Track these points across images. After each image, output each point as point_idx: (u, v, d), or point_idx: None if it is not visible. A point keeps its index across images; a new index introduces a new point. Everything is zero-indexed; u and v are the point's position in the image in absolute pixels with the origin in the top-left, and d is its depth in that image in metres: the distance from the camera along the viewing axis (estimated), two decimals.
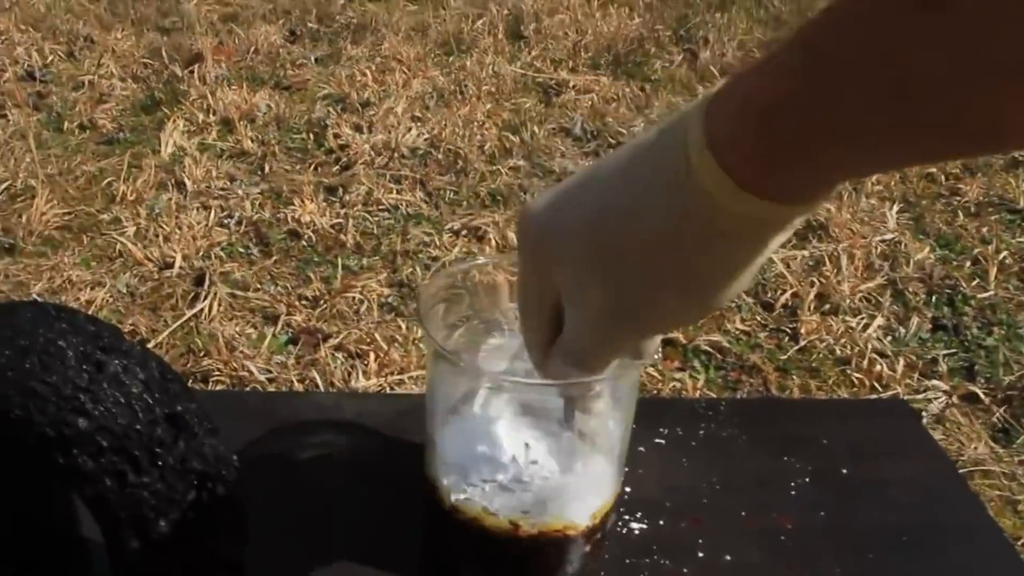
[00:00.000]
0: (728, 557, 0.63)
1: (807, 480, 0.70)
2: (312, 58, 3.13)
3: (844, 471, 0.71)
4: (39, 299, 1.84)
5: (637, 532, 0.64)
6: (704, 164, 0.36)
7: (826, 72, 0.31)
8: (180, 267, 1.99)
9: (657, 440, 0.72)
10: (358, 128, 2.63)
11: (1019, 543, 1.35)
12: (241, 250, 2.09)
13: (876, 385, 1.68)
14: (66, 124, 2.65)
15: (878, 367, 1.71)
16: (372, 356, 1.68)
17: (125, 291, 1.92)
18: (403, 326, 1.79)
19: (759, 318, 1.88)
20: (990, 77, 0.27)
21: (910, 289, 1.99)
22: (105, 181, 2.34)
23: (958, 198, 2.40)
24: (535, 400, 0.57)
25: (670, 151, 0.38)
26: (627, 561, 0.62)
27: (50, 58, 3.06)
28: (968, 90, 0.28)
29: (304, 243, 2.11)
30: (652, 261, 0.39)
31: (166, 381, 0.54)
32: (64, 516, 0.57)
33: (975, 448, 1.54)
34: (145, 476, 0.50)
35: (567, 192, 0.42)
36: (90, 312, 1.79)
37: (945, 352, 1.81)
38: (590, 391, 0.52)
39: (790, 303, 1.92)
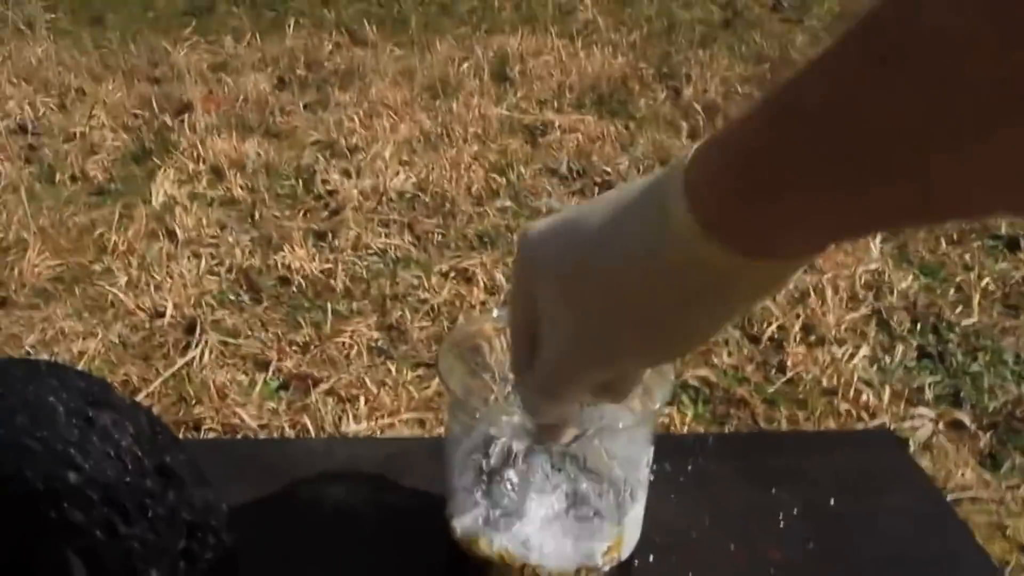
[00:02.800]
0: None
1: (795, 512, 0.70)
2: (301, 105, 3.15)
3: (832, 502, 0.71)
4: (31, 351, 1.84)
5: None
6: (680, 217, 0.36)
7: (795, 124, 0.32)
8: (171, 316, 1.99)
9: None
10: (346, 173, 2.64)
11: (1008, 568, 1.35)
12: (232, 297, 2.09)
13: (863, 415, 1.69)
14: (58, 176, 2.66)
15: (864, 397, 1.72)
16: (362, 400, 1.68)
17: (117, 341, 1.93)
18: (392, 369, 1.80)
19: (746, 351, 1.89)
20: (943, 136, 0.28)
21: (895, 318, 2.01)
22: (97, 232, 2.35)
23: (941, 227, 2.42)
24: (551, 447, 0.58)
25: (650, 204, 0.38)
26: None
27: (42, 111, 3.08)
28: (924, 147, 0.29)
29: (294, 289, 2.12)
30: (620, 304, 0.40)
31: (155, 433, 0.54)
32: (57, 570, 0.57)
33: (963, 475, 1.54)
34: (135, 527, 0.51)
35: (560, 223, 0.44)
36: (82, 363, 1.80)
37: (931, 380, 1.82)
38: (557, 423, 0.52)
39: (776, 335, 1.93)
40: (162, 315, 2.00)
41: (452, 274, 2.17)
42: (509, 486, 0.59)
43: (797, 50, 3.60)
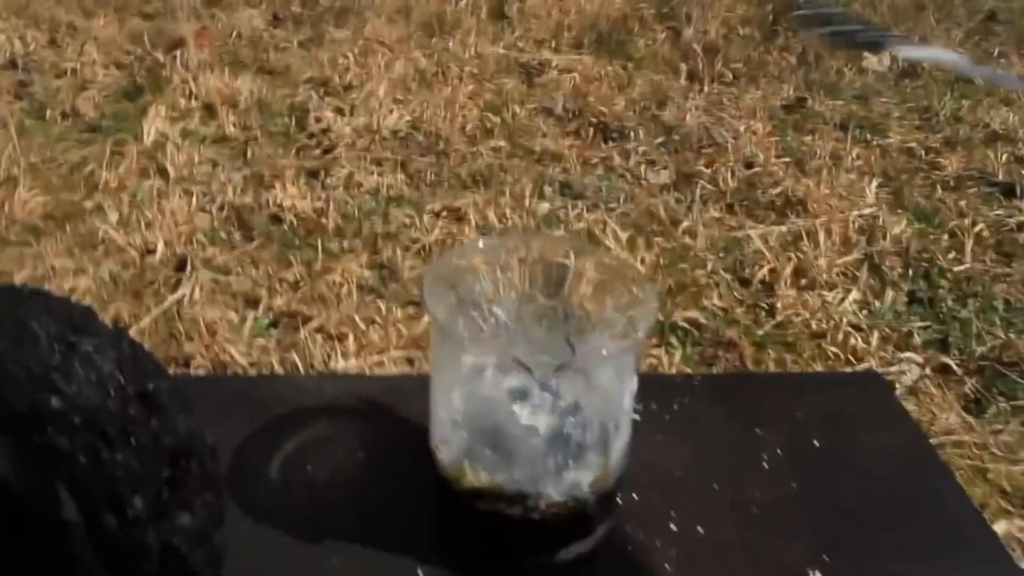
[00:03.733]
0: (700, 528, 0.64)
1: (779, 452, 0.71)
2: (295, 42, 3.11)
3: (816, 443, 0.72)
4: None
5: None
6: None
7: None
8: (162, 253, 1.99)
9: (632, 416, 0.73)
10: (340, 111, 2.62)
11: (987, 511, 1.37)
12: (223, 235, 2.09)
13: (851, 358, 1.70)
14: (49, 112, 2.63)
15: (853, 341, 1.73)
16: (352, 338, 1.69)
17: (108, 278, 1.92)
18: (383, 307, 1.80)
19: (736, 294, 1.89)
20: None
21: (887, 263, 2.01)
22: (88, 169, 2.33)
23: (937, 172, 2.42)
24: (533, 376, 0.58)
25: None
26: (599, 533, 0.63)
27: (32, 46, 3.03)
28: None
29: (285, 227, 2.11)
30: None
31: (138, 360, 0.54)
32: (46, 499, 0.57)
33: (947, 418, 1.55)
34: (118, 453, 0.51)
35: None
36: (73, 300, 1.79)
37: (920, 325, 1.82)
38: None
39: (767, 278, 1.93)
40: (153, 252, 1.99)
41: (444, 213, 2.16)
42: (495, 417, 0.59)
43: None
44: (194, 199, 2.19)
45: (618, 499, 0.64)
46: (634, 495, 0.66)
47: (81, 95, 2.72)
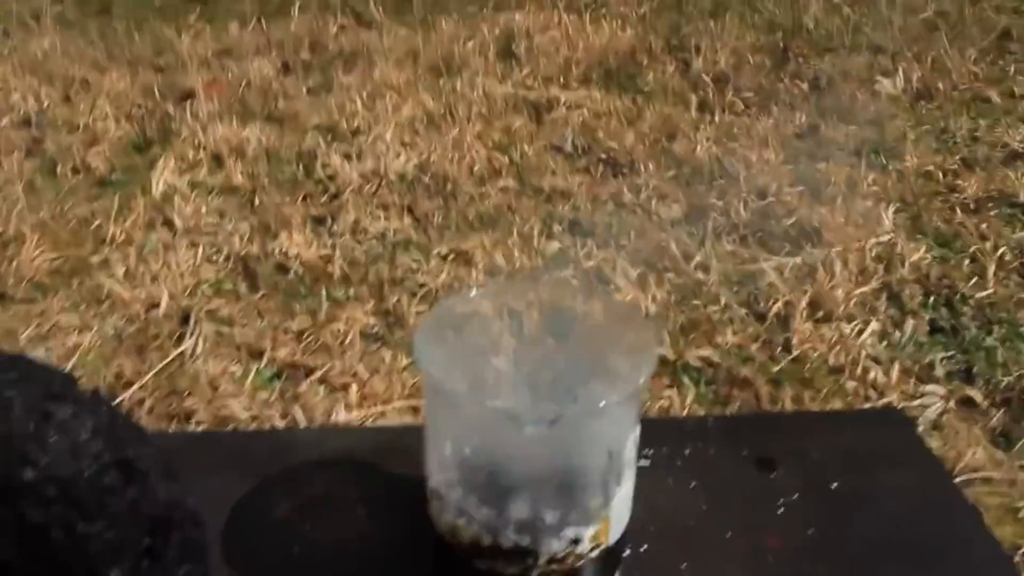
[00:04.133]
0: None
1: (796, 496, 0.69)
2: (304, 89, 3.13)
3: (835, 485, 0.70)
4: (26, 346, 1.83)
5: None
6: None
7: None
8: (167, 307, 1.98)
9: (642, 462, 0.71)
10: (347, 156, 2.62)
11: (1020, 552, 1.32)
12: (228, 286, 2.08)
13: (871, 393, 1.66)
14: (59, 168, 2.64)
15: (872, 374, 1.69)
16: (354, 388, 1.66)
17: (112, 334, 1.91)
18: (386, 357, 1.78)
19: (751, 329, 1.86)
20: None
21: (906, 292, 1.97)
22: (96, 223, 2.34)
23: (956, 195, 2.38)
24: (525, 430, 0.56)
25: None
26: None
27: (46, 103, 3.06)
28: None
29: (291, 276, 2.11)
30: None
31: (117, 427, 0.53)
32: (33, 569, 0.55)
33: (973, 454, 1.50)
34: (94, 525, 0.49)
35: None
36: (77, 356, 1.78)
37: (943, 355, 1.78)
38: None
39: (782, 312, 1.90)
40: (157, 306, 1.98)
41: (452, 256, 2.14)
42: (489, 471, 0.57)
43: (810, 17, 3.55)
44: (200, 250, 2.19)
45: (627, 550, 0.62)
46: (643, 547, 0.64)
47: (91, 150, 2.74)
